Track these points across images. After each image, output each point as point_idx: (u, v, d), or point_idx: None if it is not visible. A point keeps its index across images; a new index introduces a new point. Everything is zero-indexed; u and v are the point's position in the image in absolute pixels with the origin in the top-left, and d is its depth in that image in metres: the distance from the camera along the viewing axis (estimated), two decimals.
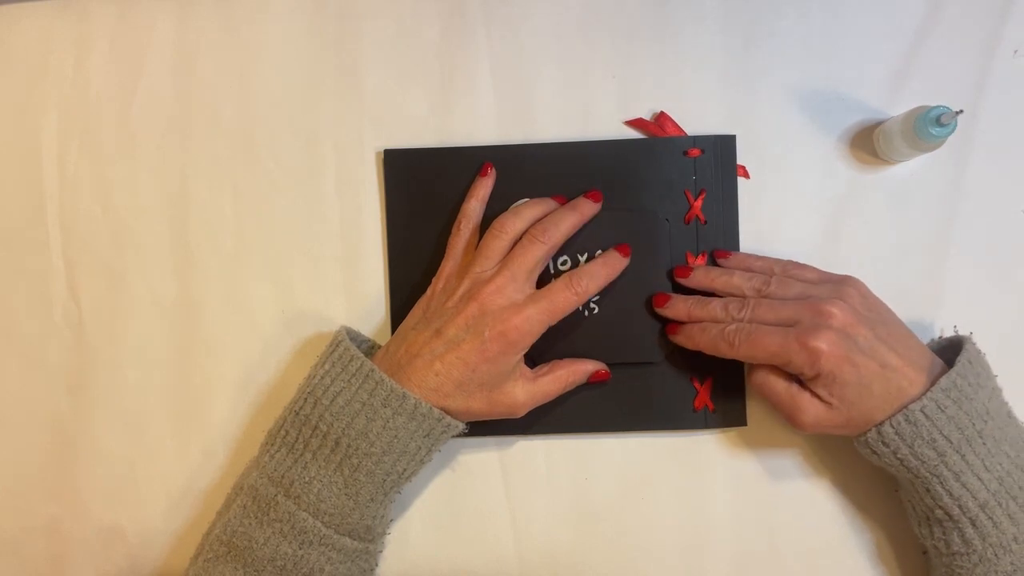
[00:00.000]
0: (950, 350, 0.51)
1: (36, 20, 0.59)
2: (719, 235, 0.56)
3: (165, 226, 0.58)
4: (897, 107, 0.56)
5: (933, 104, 0.52)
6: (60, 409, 0.57)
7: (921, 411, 0.47)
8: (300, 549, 0.48)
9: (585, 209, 0.54)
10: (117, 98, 0.58)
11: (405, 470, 0.50)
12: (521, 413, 0.52)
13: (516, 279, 0.51)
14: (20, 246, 0.58)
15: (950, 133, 0.51)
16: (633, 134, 0.57)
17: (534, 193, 0.56)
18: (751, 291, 0.52)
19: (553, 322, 0.51)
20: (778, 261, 0.54)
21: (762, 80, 0.57)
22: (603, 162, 0.56)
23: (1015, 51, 0.57)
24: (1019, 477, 0.47)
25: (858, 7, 0.57)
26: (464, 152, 0.57)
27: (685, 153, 0.56)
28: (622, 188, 0.56)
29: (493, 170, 0.56)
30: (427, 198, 0.57)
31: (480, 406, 0.51)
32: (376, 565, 0.52)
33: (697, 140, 0.56)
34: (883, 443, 0.48)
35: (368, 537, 0.51)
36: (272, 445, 0.51)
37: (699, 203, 0.56)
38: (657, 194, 0.56)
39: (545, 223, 0.52)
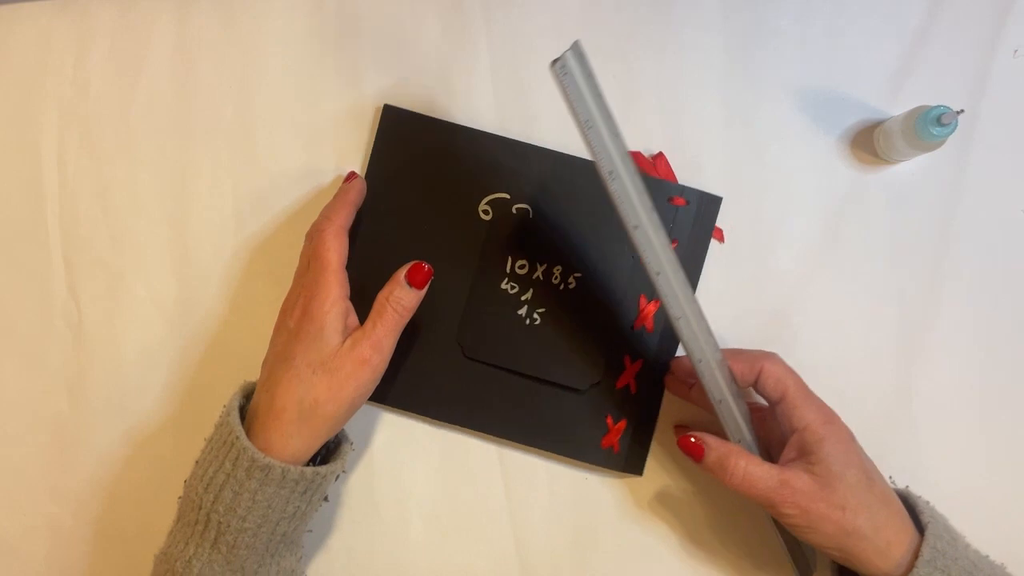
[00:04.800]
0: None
1: (36, 20, 0.59)
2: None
3: (165, 226, 0.58)
4: (897, 107, 0.56)
5: (933, 104, 0.52)
6: (60, 409, 0.57)
7: None
8: None
9: (352, 196, 0.53)
10: (117, 98, 0.58)
11: (290, 531, 0.48)
12: (377, 359, 0.49)
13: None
14: (20, 246, 0.58)
15: (950, 133, 0.51)
16: None
17: (517, 186, 0.56)
18: None
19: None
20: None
21: (762, 80, 0.57)
22: (590, 182, 0.56)
23: (1015, 51, 0.57)
24: None
25: (858, 7, 0.57)
26: (463, 131, 0.56)
27: (670, 199, 0.56)
28: (600, 212, 0.55)
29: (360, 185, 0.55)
30: (413, 164, 0.56)
31: (331, 388, 0.48)
32: None
33: (685, 191, 0.56)
34: None
35: None
36: (175, 520, 0.49)
37: None
38: None
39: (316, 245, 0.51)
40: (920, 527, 0.47)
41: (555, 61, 0.43)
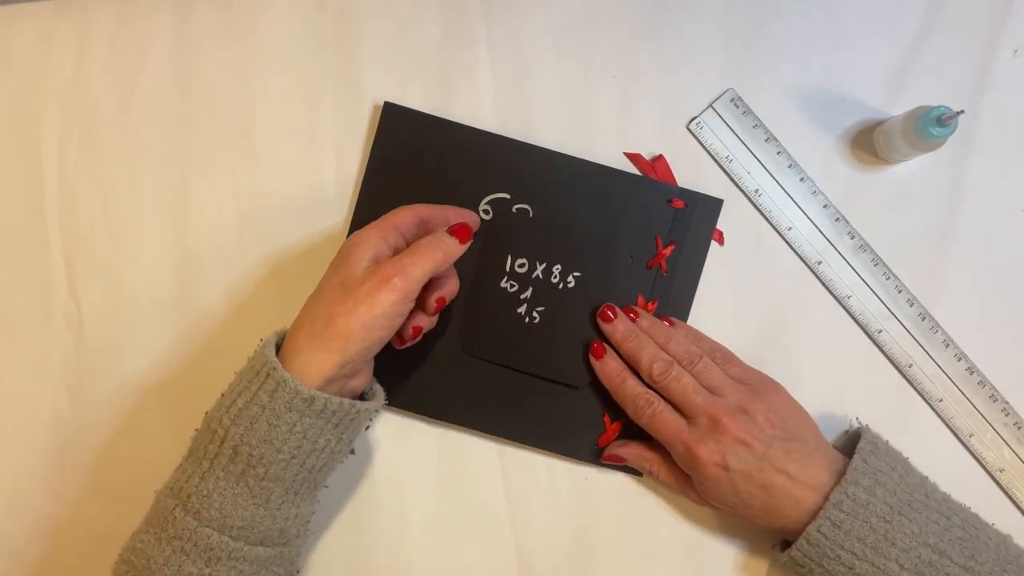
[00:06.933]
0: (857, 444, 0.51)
1: (36, 20, 0.59)
2: (675, 289, 0.56)
3: (165, 226, 0.58)
4: (897, 107, 0.56)
5: (933, 104, 0.52)
6: (60, 409, 0.57)
7: (818, 531, 0.47)
8: (207, 567, 0.45)
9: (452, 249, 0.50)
10: (117, 98, 0.58)
11: (316, 467, 0.48)
12: (399, 283, 0.46)
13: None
14: (20, 246, 0.58)
15: (950, 133, 0.51)
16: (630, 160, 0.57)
17: (517, 186, 0.56)
18: (658, 370, 0.51)
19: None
20: (711, 343, 0.55)
21: (762, 80, 0.57)
22: (591, 183, 0.56)
23: (1015, 51, 0.57)
24: (943, 564, 0.47)
25: (858, 7, 0.57)
26: (463, 130, 0.56)
27: (669, 202, 0.56)
28: (600, 213, 0.56)
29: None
30: (413, 162, 0.56)
31: (344, 303, 0.46)
32: (298, 567, 0.51)
33: (684, 193, 0.56)
34: (798, 564, 0.49)
35: (282, 540, 0.48)
36: (186, 455, 0.49)
37: (666, 252, 0.55)
38: (630, 230, 0.56)
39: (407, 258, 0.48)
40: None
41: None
